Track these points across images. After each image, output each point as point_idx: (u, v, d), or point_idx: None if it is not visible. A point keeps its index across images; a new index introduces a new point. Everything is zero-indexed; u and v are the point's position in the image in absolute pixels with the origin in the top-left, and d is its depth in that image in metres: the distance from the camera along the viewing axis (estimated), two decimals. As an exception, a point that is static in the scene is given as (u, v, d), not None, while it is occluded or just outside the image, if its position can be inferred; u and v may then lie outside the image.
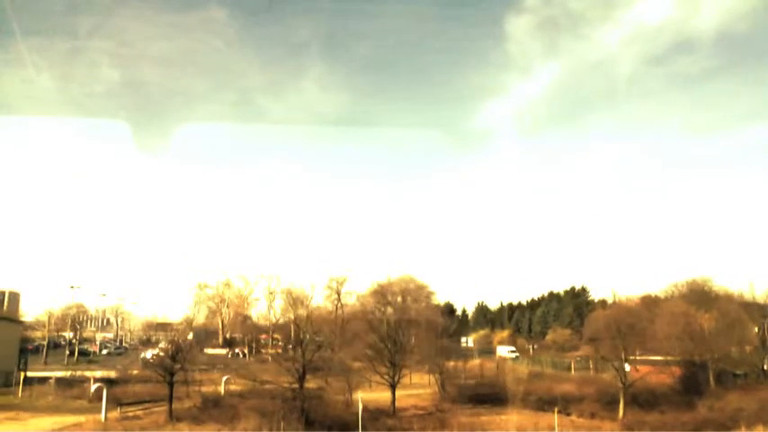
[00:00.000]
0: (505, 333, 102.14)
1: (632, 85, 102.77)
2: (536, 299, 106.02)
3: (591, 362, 63.61)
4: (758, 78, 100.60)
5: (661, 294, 76.16)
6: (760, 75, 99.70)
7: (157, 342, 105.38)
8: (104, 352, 79.82)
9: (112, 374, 50.65)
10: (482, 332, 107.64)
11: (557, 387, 40.21)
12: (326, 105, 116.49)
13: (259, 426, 28.56)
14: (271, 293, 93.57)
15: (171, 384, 34.25)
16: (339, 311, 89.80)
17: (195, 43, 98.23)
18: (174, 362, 34.71)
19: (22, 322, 59.65)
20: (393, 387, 36.85)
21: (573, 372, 60.99)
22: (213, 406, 35.01)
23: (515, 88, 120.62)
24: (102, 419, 33.47)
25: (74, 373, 48.77)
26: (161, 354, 73.87)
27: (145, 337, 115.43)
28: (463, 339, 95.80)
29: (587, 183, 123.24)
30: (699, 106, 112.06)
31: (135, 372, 55.27)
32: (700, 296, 65.40)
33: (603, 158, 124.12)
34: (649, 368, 36.51)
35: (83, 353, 70.82)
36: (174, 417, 33.30)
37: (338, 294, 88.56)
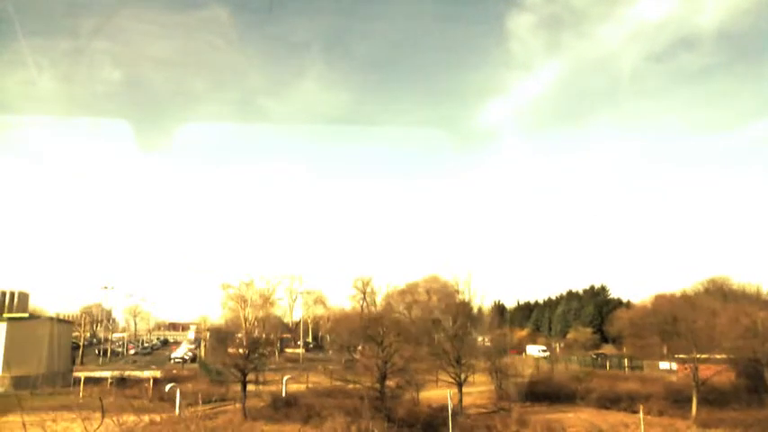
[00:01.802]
0: (524, 332, 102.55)
1: (634, 82, 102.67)
2: (553, 298, 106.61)
3: (626, 360, 64.35)
4: (760, 75, 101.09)
5: (688, 292, 76.96)
6: (762, 71, 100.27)
7: (175, 342, 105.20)
8: (131, 352, 79.74)
9: (158, 374, 50.69)
10: (499, 331, 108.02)
11: (617, 385, 40.52)
12: (328, 104, 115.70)
13: (346, 425, 28.56)
14: (293, 293, 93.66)
15: (244, 384, 34.28)
16: (365, 311, 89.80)
17: (196, 43, 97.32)
18: (247, 361, 34.71)
19: (72, 323, 59.32)
20: (460, 386, 37.04)
21: (608, 369, 61.57)
22: (285, 405, 34.99)
23: (518, 86, 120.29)
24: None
25: (122, 372, 48.70)
26: (191, 353, 73.97)
27: (162, 338, 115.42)
28: (479, 338, 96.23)
29: (590, 181, 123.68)
30: (701, 104, 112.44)
31: (174, 371, 55.64)
32: (726, 294, 66.21)
33: (606, 156, 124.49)
34: (720, 367, 36.76)
35: (113, 352, 70.67)
36: (247, 416, 33.25)
37: (364, 294, 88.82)
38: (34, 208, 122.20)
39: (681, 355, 44.36)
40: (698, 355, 38.00)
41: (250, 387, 39.46)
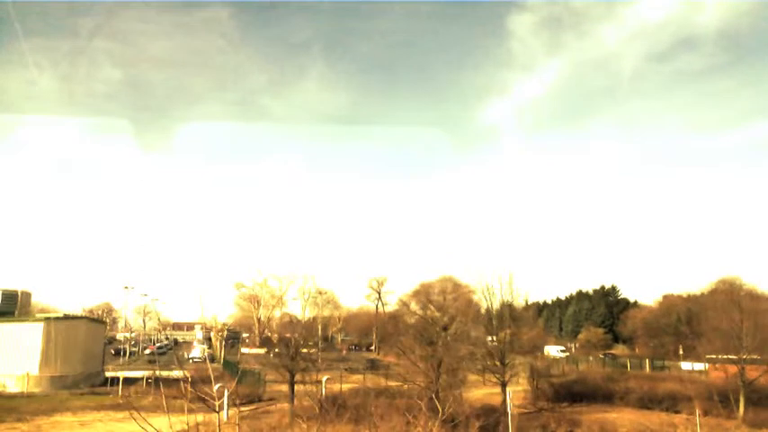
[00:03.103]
0: (534, 332, 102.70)
1: (635, 82, 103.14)
2: (562, 298, 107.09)
3: (647, 361, 64.78)
4: (760, 75, 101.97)
5: (697, 293, 77.66)
6: (762, 71, 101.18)
7: (185, 341, 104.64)
8: (147, 351, 79.17)
9: (188, 374, 50.26)
10: (508, 331, 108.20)
11: (656, 386, 40.67)
12: (329, 104, 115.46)
13: (403, 425, 28.41)
14: (305, 293, 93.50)
15: (292, 384, 34.09)
16: (379, 310, 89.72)
17: (196, 43, 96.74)
18: (294, 362, 34.53)
19: (105, 323, 58.78)
20: (504, 386, 37.05)
21: (629, 370, 61.72)
22: (332, 406, 34.73)
23: (519, 86, 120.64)
24: (225, 419, 33.13)
25: (154, 372, 48.30)
26: (207, 352, 73.49)
27: (172, 338, 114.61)
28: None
29: (592, 180, 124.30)
30: (702, 104, 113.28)
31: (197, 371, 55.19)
32: (742, 295, 66.78)
33: (606, 156, 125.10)
34: (763, 367, 36.86)
35: (130, 352, 70.18)
36: (295, 417, 33.02)
37: (379, 294, 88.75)
38: (34, 208, 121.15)
39: (714, 355, 44.63)
40: (741, 357, 38.08)
41: (282, 387, 39.25)
